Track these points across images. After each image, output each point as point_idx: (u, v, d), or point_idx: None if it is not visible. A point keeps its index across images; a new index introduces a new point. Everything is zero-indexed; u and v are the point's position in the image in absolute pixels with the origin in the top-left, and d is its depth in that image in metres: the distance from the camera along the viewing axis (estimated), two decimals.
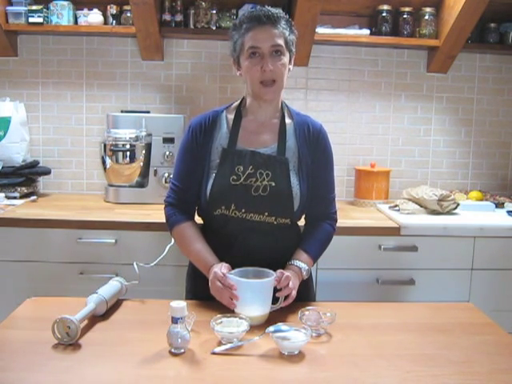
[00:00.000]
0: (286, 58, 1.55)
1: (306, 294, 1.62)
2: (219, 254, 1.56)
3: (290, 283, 1.44)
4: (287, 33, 1.54)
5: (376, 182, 2.76)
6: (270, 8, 1.55)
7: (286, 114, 1.65)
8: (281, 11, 1.57)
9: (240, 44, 1.54)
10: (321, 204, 1.68)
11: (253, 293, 1.40)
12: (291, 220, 1.61)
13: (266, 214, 1.55)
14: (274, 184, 1.55)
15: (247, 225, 1.56)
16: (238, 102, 1.67)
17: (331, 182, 1.70)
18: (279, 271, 1.46)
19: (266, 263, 1.49)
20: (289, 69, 1.59)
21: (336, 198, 1.74)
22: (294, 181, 1.57)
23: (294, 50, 1.59)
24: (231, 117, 1.64)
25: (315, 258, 1.63)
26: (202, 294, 1.54)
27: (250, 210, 1.55)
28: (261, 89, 1.55)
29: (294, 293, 1.46)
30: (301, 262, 1.57)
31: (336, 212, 1.72)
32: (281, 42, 1.52)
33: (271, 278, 1.42)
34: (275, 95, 1.58)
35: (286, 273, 1.46)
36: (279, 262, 1.56)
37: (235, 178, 1.55)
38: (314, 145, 1.63)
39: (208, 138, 1.61)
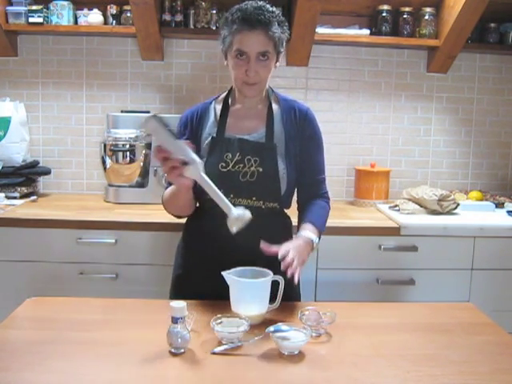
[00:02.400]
0: (272, 61, 1.56)
1: (288, 292, 1.52)
2: (211, 242, 1.60)
3: (290, 253, 1.42)
4: (278, 34, 1.53)
5: (376, 182, 2.76)
6: (264, 6, 1.52)
7: (272, 100, 1.67)
8: (275, 11, 1.55)
9: (229, 42, 1.55)
10: (311, 186, 1.71)
11: (250, 292, 1.40)
12: (279, 204, 1.63)
13: (254, 198, 1.59)
14: (261, 169, 1.58)
15: None
16: (226, 92, 1.71)
17: (321, 163, 1.72)
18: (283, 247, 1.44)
19: (254, 247, 1.46)
20: (275, 66, 1.60)
21: (327, 181, 1.75)
22: (281, 165, 1.60)
23: (282, 49, 1.59)
24: (219, 107, 1.68)
25: (320, 227, 1.63)
26: (193, 269, 1.61)
27: (239, 195, 1.58)
28: (243, 87, 1.58)
29: (296, 262, 1.42)
30: (307, 231, 1.56)
31: (327, 193, 1.74)
32: (269, 47, 1.52)
33: (268, 277, 1.42)
34: (257, 93, 1.61)
35: (286, 247, 1.44)
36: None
37: (224, 165, 1.58)
38: (301, 127, 1.66)
39: (197, 129, 1.66)
